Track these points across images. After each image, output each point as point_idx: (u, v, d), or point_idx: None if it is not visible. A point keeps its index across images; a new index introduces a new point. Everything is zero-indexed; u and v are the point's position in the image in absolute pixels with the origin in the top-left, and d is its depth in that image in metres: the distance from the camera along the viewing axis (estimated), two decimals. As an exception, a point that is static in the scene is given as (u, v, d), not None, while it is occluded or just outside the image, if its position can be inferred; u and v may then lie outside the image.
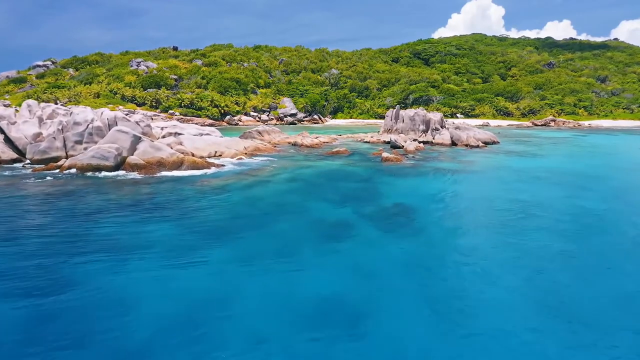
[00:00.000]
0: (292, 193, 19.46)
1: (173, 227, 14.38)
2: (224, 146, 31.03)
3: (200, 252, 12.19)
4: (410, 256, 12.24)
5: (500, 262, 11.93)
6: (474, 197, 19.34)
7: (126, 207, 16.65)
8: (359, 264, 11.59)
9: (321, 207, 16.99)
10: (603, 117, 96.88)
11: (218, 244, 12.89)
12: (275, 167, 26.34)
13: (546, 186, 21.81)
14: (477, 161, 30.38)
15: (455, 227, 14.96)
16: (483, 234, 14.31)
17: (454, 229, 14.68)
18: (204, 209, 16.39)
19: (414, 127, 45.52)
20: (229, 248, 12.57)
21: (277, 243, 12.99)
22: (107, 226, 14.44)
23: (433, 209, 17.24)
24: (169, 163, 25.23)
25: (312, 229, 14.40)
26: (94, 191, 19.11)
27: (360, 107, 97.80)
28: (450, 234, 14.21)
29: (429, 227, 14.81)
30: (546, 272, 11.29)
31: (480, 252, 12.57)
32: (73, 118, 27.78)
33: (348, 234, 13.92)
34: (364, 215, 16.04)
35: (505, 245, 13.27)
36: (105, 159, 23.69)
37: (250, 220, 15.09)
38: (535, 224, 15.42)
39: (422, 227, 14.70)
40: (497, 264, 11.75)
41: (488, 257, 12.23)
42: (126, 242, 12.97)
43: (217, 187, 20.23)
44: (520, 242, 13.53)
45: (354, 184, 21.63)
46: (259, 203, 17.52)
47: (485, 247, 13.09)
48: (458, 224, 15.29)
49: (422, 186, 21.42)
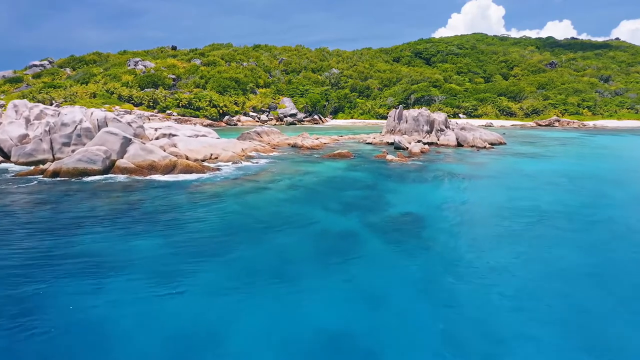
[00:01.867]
0: (292, 201, 18.02)
1: (160, 241, 12.95)
2: (221, 148, 29.60)
3: (189, 273, 10.77)
4: (423, 277, 10.80)
5: (526, 283, 10.50)
6: (487, 205, 17.90)
7: (110, 217, 15.22)
8: (366, 288, 10.15)
9: (323, 217, 15.56)
10: (608, 117, 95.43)
11: (209, 262, 11.46)
12: (274, 171, 24.91)
13: (563, 192, 20.37)
14: (487, 164, 28.93)
15: (470, 240, 13.53)
16: (502, 248, 12.87)
17: (470, 243, 13.24)
18: (196, 220, 14.96)
19: (418, 127, 44.10)
20: (221, 268, 11.14)
21: (275, 261, 11.55)
22: (87, 241, 13.02)
23: (444, 218, 15.81)
24: (161, 167, 23.79)
25: (314, 243, 12.96)
26: (77, 199, 17.67)
27: (361, 107, 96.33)
28: (466, 248, 12.78)
29: (442, 240, 13.38)
30: (581, 296, 9.86)
31: (501, 272, 11.14)
32: (61, 119, 26.36)
33: (353, 249, 12.49)
34: (369, 226, 14.61)
35: (528, 262, 11.84)
36: (93, 162, 22.25)
37: (246, 234, 13.65)
38: (557, 235, 14.00)
39: (434, 241, 13.26)
40: (523, 287, 10.31)
41: (511, 278, 10.79)
42: (107, 260, 11.55)
43: (211, 194, 18.79)
44: (543, 257, 12.10)
45: (358, 191, 20.20)
46: (256, 213, 16.08)
47: (505, 264, 11.66)
48: (473, 237, 13.86)
49: (430, 193, 19.98)
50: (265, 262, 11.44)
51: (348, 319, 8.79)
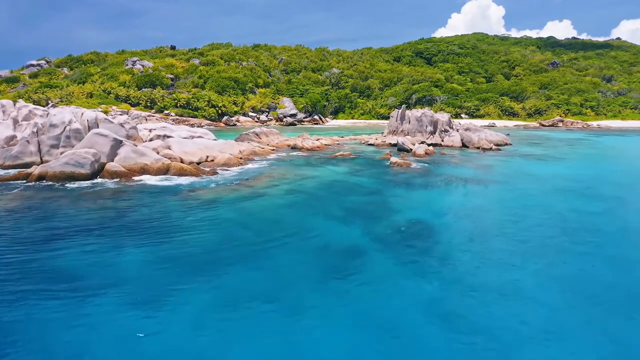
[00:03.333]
0: (291, 209, 16.83)
1: (147, 257, 11.77)
2: (217, 150, 28.42)
3: (177, 296, 9.60)
4: (437, 299, 9.61)
5: (551, 307, 9.32)
6: (500, 212, 16.71)
7: (94, 228, 14.04)
8: (374, 313, 8.98)
9: (325, 228, 14.37)
10: (611, 117, 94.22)
11: (200, 282, 10.28)
12: (272, 175, 23.72)
13: (579, 199, 19.19)
14: (495, 166, 27.74)
15: (486, 254, 12.34)
16: (520, 264, 11.69)
17: (486, 258, 12.05)
18: (187, 232, 13.77)
19: (421, 128, 42.91)
20: (212, 289, 9.96)
21: (272, 282, 10.37)
22: (67, 255, 11.85)
23: (456, 229, 14.62)
24: (153, 170, 22.62)
25: (315, 259, 11.78)
26: (61, 207, 16.49)
27: (362, 107, 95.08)
28: (482, 265, 11.59)
29: (455, 255, 12.19)
30: (614, 324, 8.69)
31: (523, 293, 9.95)
32: (49, 120, 25.18)
33: (358, 266, 11.30)
34: (375, 237, 13.42)
35: (551, 280, 10.66)
36: (81, 165, 21.07)
37: (241, 248, 12.46)
38: (580, 249, 12.82)
39: (446, 256, 12.07)
40: (548, 311, 9.14)
41: (534, 301, 9.60)
42: (86, 278, 10.41)
43: (204, 201, 17.61)
44: (567, 275, 10.92)
45: (361, 196, 19.02)
46: (252, 223, 14.89)
47: (526, 284, 10.48)
48: (489, 250, 12.67)
49: (439, 199, 18.80)
50: (262, 283, 10.26)
51: (354, 353, 7.62)
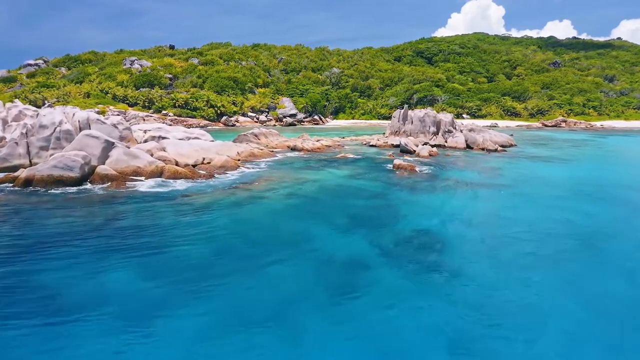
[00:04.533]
0: (291, 215, 15.83)
1: (136, 271, 10.78)
2: (214, 152, 27.40)
3: (165, 316, 8.63)
4: (449, 327, 8.58)
5: (575, 333, 8.36)
6: (512, 220, 15.70)
7: (80, 239, 13.04)
8: (380, 338, 7.98)
9: (327, 238, 13.37)
10: (614, 117, 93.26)
11: (192, 300, 9.29)
12: (271, 178, 22.72)
13: (595, 204, 18.19)
14: (502, 169, 26.74)
15: (501, 269, 11.33)
16: (540, 280, 10.68)
17: (502, 273, 11.05)
18: (179, 242, 12.77)
19: (424, 129, 41.91)
20: (204, 309, 8.97)
21: (270, 300, 9.37)
22: (49, 269, 10.87)
23: (466, 239, 13.61)
24: (146, 173, 21.61)
25: (316, 273, 10.78)
26: (46, 214, 15.48)
27: (363, 107, 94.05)
28: (498, 281, 10.58)
29: (467, 270, 11.17)
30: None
31: (545, 316, 8.96)
32: (39, 120, 24.16)
33: (362, 283, 10.29)
34: (380, 249, 12.42)
35: (575, 300, 9.66)
36: (69, 169, 20.05)
37: (237, 261, 11.46)
38: (603, 261, 11.86)
39: (457, 271, 11.05)
40: (572, 339, 8.17)
41: (557, 326, 8.62)
42: (66, 297, 9.46)
43: (199, 207, 16.61)
44: (594, 295, 9.92)
45: (365, 201, 18.02)
46: (249, 232, 13.89)
47: (548, 304, 9.50)
48: (504, 264, 11.67)
49: (446, 205, 17.79)
50: (259, 302, 9.26)
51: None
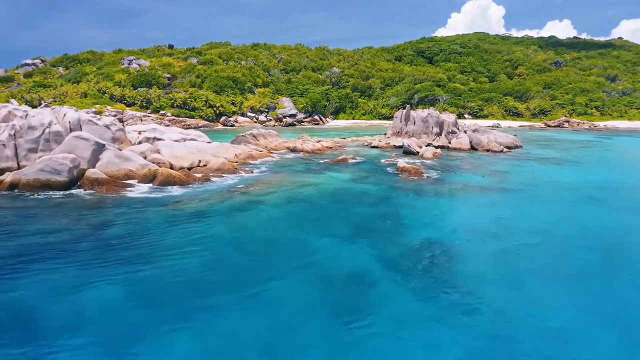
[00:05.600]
0: (290, 224, 14.81)
1: (120, 289, 9.78)
2: (210, 154, 26.38)
3: (151, 342, 7.65)
4: (468, 352, 7.61)
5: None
6: (527, 229, 14.66)
7: (62, 249, 12.03)
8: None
9: (328, 249, 12.36)
10: (618, 117, 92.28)
11: (180, 323, 8.30)
12: (270, 182, 21.69)
13: (612, 212, 17.16)
14: (511, 172, 25.71)
15: (519, 287, 10.31)
16: (564, 301, 9.69)
17: (520, 293, 10.01)
18: (169, 255, 11.75)
19: (427, 129, 40.90)
20: (194, 332, 7.98)
21: (266, 324, 8.36)
22: (23, 285, 9.88)
23: (479, 252, 12.59)
24: (138, 177, 20.60)
25: (317, 291, 9.76)
26: (29, 222, 14.46)
27: (363, 107, 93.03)
28: (516, 303, 9.54)
29: (482, 289, 10.14)
30: None
31: (576, 345, 7.98)
32: (27, 121, 23.13)
33: (368, 303, 9.28)
34: (387, 263, 11.40)
35: (608, 327, 8.67)
36: (57, 173, 19.03)
37: (231, 277, 10.45)
38: (630, 279, 10.85)
39: (471, 290, 10.01)
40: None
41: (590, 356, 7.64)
42: (43, 317, 8.51)
43: (193, 214, 15.59)
44: (628, 318, 8.93)
45: (369, 208, 16.99)
46: (246, 243, 12.88)
47: (578, 330, 8.51)
48: (522, 282, 10.64)
49: (455, 212, 16.78)
50: (255, 327, 8.25)
51: None
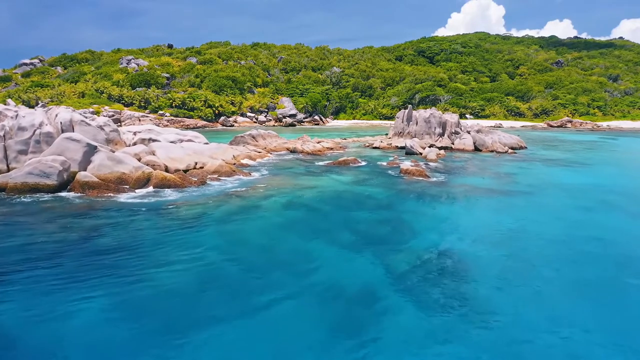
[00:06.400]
0: (290, 231, 13.97)
1: (105, 305, 8.95)
2: (208, 156, 25.56)
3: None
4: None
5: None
6: (540, 237, 13.81)
7: (44, 260, 11.19)
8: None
9: (330, 259, 11.53)
10: (620, 118, 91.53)
11: (168, 348, 7.46)
12: (268, 186, 20.86)
13: (629, 218, 16.30)
14: (518, 175, 24.87)
15: (536, 302, 9.46)
16: (590, 320, 8.85)
17: (538, 310, 9.15)
18: (160, 266, 10.91)
19: (430, 130, 40.11)
20: (185, 357, 7.15)
21: (263, 344, 7.52)
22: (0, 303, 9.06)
23: (491, 262, 11.74)
24: (132, 180, 19.77)
25: (319, 307, 8.93)
26: (12, 229, 13.60)
27: (364, 107, 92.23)
28: (536, 319, 8.69)
29: (497, 302, 9.32)
30: None
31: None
32: (17, 122, 22.28)
33: (374, 319, 8.43)
34: (393, 275, 10.57)
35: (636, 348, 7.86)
36: (46, 176, 18.20)
37: (226, 293, 9.61)
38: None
39: (485, 305, 9.17)
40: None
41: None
42: (18, 339, 7.66)
43: (187, 221, 14.75)
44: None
45: (372, 214, 16.16)
46: (242, 253, 12.04)
47: (602, 355, 7.69)
48: (538, 296, 9.79)
49: (463, 218, 15.94)
50: (252, 348, 7.41)
51: None
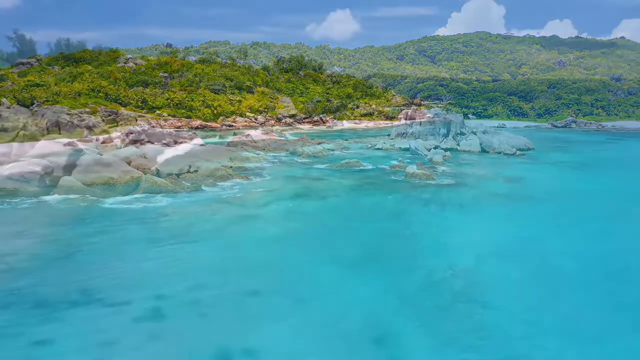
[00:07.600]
0: (288, 244, 12.70)
1: (77, 330, 7.73)
2: (203, 158, 24.27)
3: None
4: None
5: None
6: (565, 254, 12.49)
7: (16, 276, 9.95)
8: None
9: (333, 280, 10.27)
10: (625, 118, 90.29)
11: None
12: (266, 191, 19.55)
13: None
14: (529, 179, 23.58)
15: (566, 335, 8.24)
16: (620, 348, 7.61)
17: (567, 342, 7.95)
18: (144, 289, 9.66)
19: (434, 130, 38.81)
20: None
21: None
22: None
23: (513, 283, 10.48)
24: (120, 185, 18.51)
25: (322, 344, 7.67)
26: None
27: (365, 107, 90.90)
28: (565, 356, 7.47)
29: (523, 335, 8.11)
30: None
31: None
32: (1, 123, 21.06)
33: (382, 356, 7.18)
34: (403, 299, 9.30)
35: None
36: (26, 181, 16.95)
37: (217, 323, 8.37)
38: None
39: (510, 337, 7.95)
40: None
41: None
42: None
43: (177, 231, 13.49)
44: None
45: (378, 224, 14.87)
46: (235, 270, 10.78)
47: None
48: (567, 325, 8.58)
49: (478, 228, 14.65)
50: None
51: None
